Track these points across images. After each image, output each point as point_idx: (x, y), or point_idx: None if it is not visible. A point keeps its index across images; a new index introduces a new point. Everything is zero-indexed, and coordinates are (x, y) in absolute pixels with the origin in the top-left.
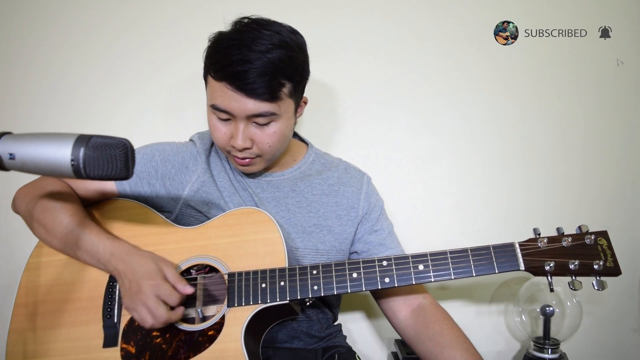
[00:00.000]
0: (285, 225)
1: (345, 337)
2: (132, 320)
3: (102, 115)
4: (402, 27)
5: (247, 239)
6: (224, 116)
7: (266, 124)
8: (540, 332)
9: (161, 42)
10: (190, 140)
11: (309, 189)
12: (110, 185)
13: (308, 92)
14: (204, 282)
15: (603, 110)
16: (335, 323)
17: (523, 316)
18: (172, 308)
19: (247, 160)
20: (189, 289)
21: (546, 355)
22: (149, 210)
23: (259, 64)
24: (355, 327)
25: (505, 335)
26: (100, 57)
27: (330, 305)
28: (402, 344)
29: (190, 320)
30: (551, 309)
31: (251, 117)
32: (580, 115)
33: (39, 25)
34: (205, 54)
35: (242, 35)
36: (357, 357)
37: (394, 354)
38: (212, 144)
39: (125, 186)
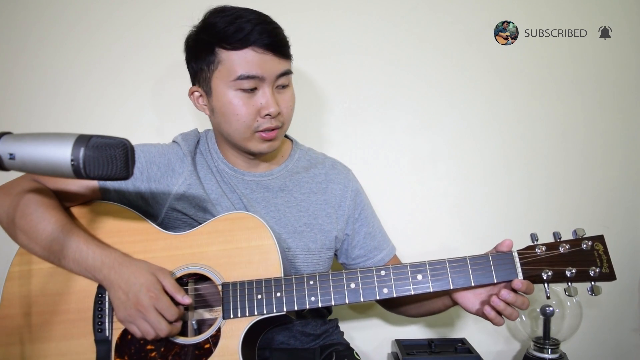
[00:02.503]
0: (275, 226)
1: (342, 333)
2: (124, 334)
3: (102, 115)
4: (402, 27)
5: (240, 247)
6: (251, 84)
7: (285, 87)
8: (540, 332)
9: (161, 43)
10: (174, 142)
11: (297, 187)
12: (92, 182)
13: (308, 92)
14: (196, 292)
15: (603, 110)
16: (331, 318)
17: (523, 316)
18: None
19: (274, 131)
20: (187, 300)
21: (546, 355)
22: (134, 214)
23: (271, 25)
24: (354, 327)
25: (505, 335)
26: (101, 58)
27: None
28: (401, 344)
29: (184, 332)
30: (551, 309)
31: (279, 78)
32: (580, 115)
33: (40, 26)
34: (202, 35)
35: (238, 11)
36: (355, 354)
37: (394, 354)
38: (197, 145)
39: (107, 184)
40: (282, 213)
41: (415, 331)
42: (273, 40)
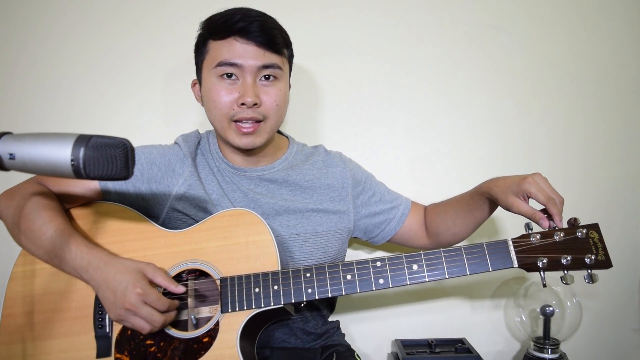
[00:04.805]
0: (284, 214)
1: (343, 335)
2: (124, 330)
3: (103, 116)
4: (402, 27)
5: (238, 242)
6: (232, 70)
7: (272, 81)
8: (540, 332)
9: (162, 43)
10: (175, 143)
11: (300, 176)
12: (93, 184)
13: (308, 92)
14: (196, 288)
15: (603, 110)
16: (332, 319)
17: (523, 316)
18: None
19: (252, 127)
20: (181, 288)
21: (546, 355)
22: (135, 213)
23: (262, 19)
24: (354, 327)
25: (505, 335)
26: (101, 58)
27: (325, 300)
28: (401, 344)
29: (183, 327)
30: (551, 309)
31: (261, 70)
32: (580, 115)
33: (40, 26)
34: (201, 30)
35: (235, 8)
36: (356, 356)
37: (394, 354)
38: (197, 146)
39: (108, 186)
40: (289, 202)
41: (415, 331)
42: (257, 31)
